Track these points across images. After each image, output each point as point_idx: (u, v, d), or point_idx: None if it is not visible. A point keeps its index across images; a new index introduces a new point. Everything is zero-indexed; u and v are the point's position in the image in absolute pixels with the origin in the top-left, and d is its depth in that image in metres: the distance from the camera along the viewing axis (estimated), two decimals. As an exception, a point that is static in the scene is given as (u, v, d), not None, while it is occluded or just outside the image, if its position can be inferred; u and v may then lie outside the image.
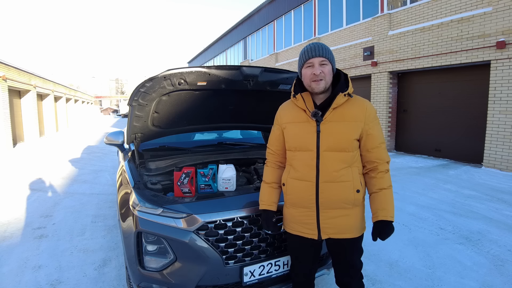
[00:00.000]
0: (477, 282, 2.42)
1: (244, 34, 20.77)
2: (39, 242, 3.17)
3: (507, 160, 6.21)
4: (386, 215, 1.43)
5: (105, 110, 62.00)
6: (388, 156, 1.50)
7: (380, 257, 2.81)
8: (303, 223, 1.51)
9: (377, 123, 1.48)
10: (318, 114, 1.43)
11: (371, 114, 1.46)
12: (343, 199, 1.43)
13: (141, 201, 1.70)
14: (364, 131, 1.45)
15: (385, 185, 1.46)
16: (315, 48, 1.41)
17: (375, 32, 9.38)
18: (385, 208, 1.44)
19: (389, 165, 1.51)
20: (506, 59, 6.16)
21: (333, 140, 1.42)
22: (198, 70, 1.94)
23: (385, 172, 1.48)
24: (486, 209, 4.10)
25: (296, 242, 1.59)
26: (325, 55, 1.41)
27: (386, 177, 1.47)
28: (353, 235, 1.49)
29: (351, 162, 1.45)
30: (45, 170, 6.88)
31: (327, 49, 1.44)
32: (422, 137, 8.52)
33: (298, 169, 1.48)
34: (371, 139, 1.45)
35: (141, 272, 1.65)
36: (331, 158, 1.42)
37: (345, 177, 1.43)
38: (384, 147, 1.48)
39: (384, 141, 1.49)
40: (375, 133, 1.46)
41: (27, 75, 12.44)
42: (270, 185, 1.67)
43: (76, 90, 24.87)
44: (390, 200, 1.46)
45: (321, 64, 1.41)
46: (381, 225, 1.44)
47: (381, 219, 1.44)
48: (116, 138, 2.81)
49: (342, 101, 1.43)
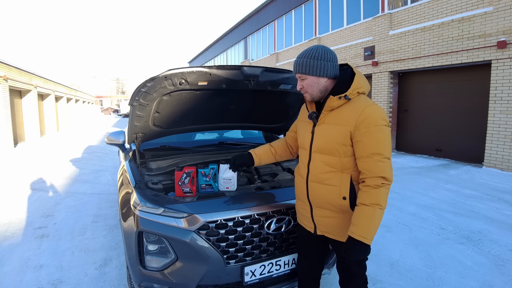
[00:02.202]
0: (477, 282, 2.41)
1: (245, 34, 20.77)
2: (40, 241, 3.18)
3: (508, 160, 6.20)
4: (355, 232, 1.28)
5: (106, 110, 62.02)
6: (384, 171, 1.29)
7: (380, 257, 2.81)
8: (303, 215, 1.62)
9: (374, 131, 1.30)
10: (313, 116, 1.50)
11: (367, 120, 1.31)
12: (328, 201, 1.44)
13: (142, 201, 1.70)
14: (354, 137, 1.34)
15: (367, 201, 1.29)
16: (294, 65, 1.47)
17: (376, 32, 9.37)
18: (356, 225, 1.29)
19: (389, 182, 1.30)
20: (507, 59, 6.15)
21: (322, 142, 1.44)
22: (199, 70, 1.94)
23: (373, 187, 1.29)
24: (487, 209, 4.10)
25: (301, 233, 1.68)
26: (299, 71, 1.45)
27: (373, 193, 1.29)
28: (344, 239, 1.44)
29: (340, 167, 1.40)
30: (46, 170, 6.89)
31: (305, 62, 1.41)
32: (422, 137, 8.51)
33: (299, 165, 1.61)
34: (361, 147, 1.33)
35: (142, 271, 1.66)
36: (318, 160, 1.46)
37: (331, 181, 1.42)
38: (378, 160, 1.29)
39: (380, 153, 1.30)
40: (366, 141, 1.31)
41: (28, 75, 12.45)
42: (271, 147, 1.87)
43: (76, 90, 24.89)
44: (366, 218, 1.28)
45: (300, 79, 1.47)
46: (349, 241, 1.31)
47: (349, 234, 1.31)
48: (117, 138, 2.81)
49: (337, 103, 1.39)
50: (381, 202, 1.29)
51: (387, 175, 1.30)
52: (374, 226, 1.28)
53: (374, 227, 1.28)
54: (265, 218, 1.75)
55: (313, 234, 1.57)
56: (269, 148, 1.87)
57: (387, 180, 1.30)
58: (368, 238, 1.27)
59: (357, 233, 1.28)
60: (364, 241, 1.27)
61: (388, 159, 1.33)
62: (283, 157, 1.88)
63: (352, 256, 1.30)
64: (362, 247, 1.28)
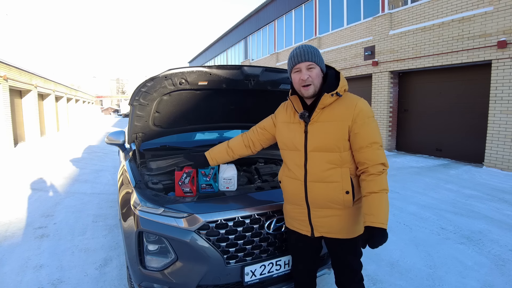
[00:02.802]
0: (478, 282, 2.41)
1: (245, 33, 20.77)
2: (40, 241, 3.18)
3: (508, 160, 6.19)
4: (374, 221, 1.32)
5: (106, 110, 62.03)
6: (383, 158, 1.39)
7: (381, 257, 2.81)
8: (297, 219, 1.57)
9: (368, 122, 1.39)
10: (305, 115, 1.46)
11: (362, 112, 1.39)
12: (330, 199, 1.44)
13: (142, 201, 1.70)
14: (352, 130, 1.39)
15: (375, 188, 1.35)
16: (302, 53, 1.41)
17: (376, 32, 9.37)
18: (373, 214, 1.33)
19: (387, 167, 1.40)
20: (507, 59, 6.15)
21: (319, 140, 1.43)
22: (199, 70, 1.94)
23: (377, 174, 1.36)
24: (487, 208, 4.10)
25: (294, 237, 1.64)
26: (311, 59, 1.40)
27: (378, 180, 1.36)
28: (346, 236, 1.48)
29: (340, 162, 1.42)
30: (46, 170, 6.89)
31: (314, 52, 1.42)
32: (423, 137, 8.51)
33: (290, 168, 1.54)
34: (360, 138, 1.38)
35: (142, 271, 1.66)
36: (318, 159, 1.44)
37: (333, 177, 1.43)
38: (377, 148, 1.38)
39: (377, 142, 1.39)
40: (364, 132, 1.38)
41: (28, 75, 12.45)
42: (228, 147, 1.84)
43: (77, 90, 24.89)
44: (380, 205, 1.33)
45: (308, 68, 1.42)
46: (369, 232, 1.33)
47: (368, 225, 1.34)
48: (117, 138, 2.81)
49: (330, 101, 1.42)
50: (386, 187, 1.38)
51: (385, 161, 1.40)
52: (387, 210, 1.36)
53: (387, 211, 1.36)
54: (265, 218, 1.75)
55: (309, 237, 1.55)
56: (225, 149, 1.86)
57: (386, 165, 1.40)
58: (386, 223, 1.33)
59: (377, 221, 1.32)
60: (384, 227, 1.32)
61: (382, 146, 1.43)
62: (242, 155, 1.87)
63: (375, 244, 1.32)
64: (383, 233, 1.32)
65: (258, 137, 1.78)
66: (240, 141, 1.84)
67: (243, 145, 1.83)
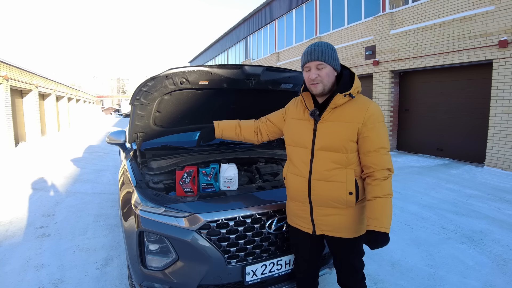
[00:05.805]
0: (479, 282, 2.41)
1: (246, 33, 20.77)
2: (41, 241, 3.18)
3: (509, 160, 6.18)
4: (377, 225, 1.35)
5: (107, 109, 62.04)
6: (389, 163, 1.40)
7: (382, 257, 2.81)
8: (299, 216, 1.58)
9: (379, 127, 1.40)
10: (315, 114, 1.46)
11: (373, 116, 1.39)
12: (333, 199, 1.44)
13: (143, 200, 1.70)
14: (361, 133, 1.40)
15: (380, 193, 1.38)
16: (312, 52, 1.41)
17: (377, 31, 9.35)
18: (377, 218, 1.36)
19: (392, 173, 1.42)
20: (509, 58, 6.13)
21: (327, 139, 1.43)
22: (200, 69, 1.94)
23: (383, 179, 1.39)
24: (488, 208, 4.09)
25: (295, 235, 1.65)
26: (321, 59, 1.39)
27: (383, 185, 1.39)
28: (349, 235, 1.49)
29: (346, 163, 1.43)
30: (47, 170, 6.90)
31: (325, 50, 1.40)
32: (424, 137, 8.50)
33: (296, 165, 1.54)
34: (368, 142, 1.39)
35: (143, 271, 1.66)
36: (323, 157, 1.44)
37: (337, 177, 1.43)
38: (384, 153, 1.40)
39: (385, 147, 1.40)
40: (373, 136, 1.39)
41: (29, 75, 12.47)
42: (238, 125, 1.84)
43: (77, 90, 24.91)
44: (384, 209, 1.37)
45: (317, 67, 1.41)
46: (371, 235, 1.37)
47: (371, 229, 1.37)
48: (118, 138, 2.81)
49: (342, 101, 1.42)
50: (391, 192, 1.41)
51: (391, 167, 1.42)
52: (390, 215, 1.39)
53: (391, 215, 1.39)
54: (266, 218, 1.75)
55: (311, 235, 1.56)
56: (235, 126, 1.85)
57: (391, 171, 1.42)
58: (389, 228, 1.37)
59: (380, 225, 1.35)
60: (386, 231, 1.36)
61: (389, 152, 1.44)
62: (247, 138, 1.86)
63: (376, 246, 1.36)
64: (385, 237, 1.36)
65: (266, 128, 1.80)
66: (251, 125, 1.85)
67: (252, 130, 1.84)
